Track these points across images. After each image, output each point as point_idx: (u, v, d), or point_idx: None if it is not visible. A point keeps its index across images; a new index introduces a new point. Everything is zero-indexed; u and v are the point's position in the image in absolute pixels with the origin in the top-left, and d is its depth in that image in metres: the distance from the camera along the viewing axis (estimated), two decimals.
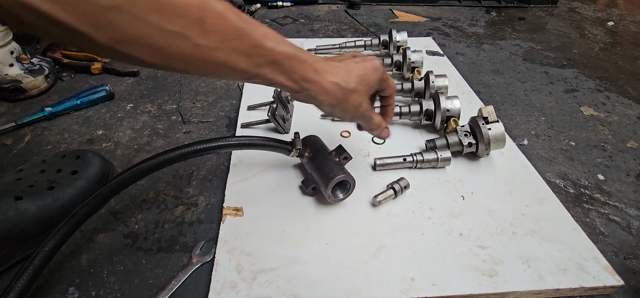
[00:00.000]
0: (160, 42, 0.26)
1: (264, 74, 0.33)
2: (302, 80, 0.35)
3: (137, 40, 0.25)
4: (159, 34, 0.26)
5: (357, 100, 0.39)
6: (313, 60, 0.35)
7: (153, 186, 0.49)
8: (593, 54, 0.97)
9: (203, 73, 0.31)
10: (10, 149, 0.55)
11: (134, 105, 0.66)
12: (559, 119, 0.69)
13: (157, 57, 0.27)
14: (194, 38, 0.27)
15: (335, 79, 0.37)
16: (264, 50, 0.31)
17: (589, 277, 0.39)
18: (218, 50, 0.29)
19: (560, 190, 0.52)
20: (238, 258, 0.39)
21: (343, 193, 0.46)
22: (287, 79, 0.34)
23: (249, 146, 0.43)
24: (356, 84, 0.38)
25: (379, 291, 0.37)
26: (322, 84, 0.36)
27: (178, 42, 0.27)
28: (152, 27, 0.25)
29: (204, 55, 0.28)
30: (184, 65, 0.29)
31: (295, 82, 0.34)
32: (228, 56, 0.30)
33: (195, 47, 0.28)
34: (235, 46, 0.30)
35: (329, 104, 0.37)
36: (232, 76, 0.32)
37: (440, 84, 0.63)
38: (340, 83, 0.37)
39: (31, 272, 0.30)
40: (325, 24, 1.05)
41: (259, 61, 0.32)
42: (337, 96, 0.37)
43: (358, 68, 0.39)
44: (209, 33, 0.28)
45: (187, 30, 0.27)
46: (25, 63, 0.66)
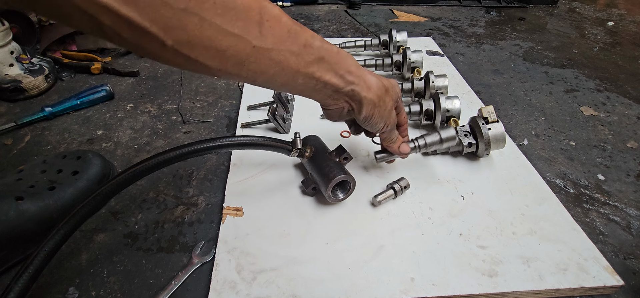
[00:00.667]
0: (221, 44, 0.27)
1: (312, 71, 0.34)
2: (348, 73, 0.36)
3: (201, 43, 0.26)
4: (221, 36, 0.27)
5: (390, 103, 0.41)
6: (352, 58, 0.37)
7: (153, 186, 0.49)
8: (593, 54, 0.97)
9: (254, 74, 0.31)
10: (10, 149, 0.55)
11: (134, 105, 0.66)
12: (559, 119, 0.69)
13: (216, 59, 0.28)
14: (252, 40, 0.28)
15: (373, 79, 0.38)
16: (312, 48, 0.33)
17: (589, 277, 0.39)
18: (273, 51, 0.30)
19: (560, 190, 0.52)
20: (238, 258, 0.39)
21: (343, 193, 0.46)
22: (334, 74, 0.35)
23: (249, 146, 0.43)
24: (388, 87, 0.41)
25: (379, 291, 0.37)
26: (365, 79, 0.37)
27: (237, 44, 0.28)
28: (215, 29, 0.26)
29: (259, 56, 0.30)
30: (239, 67, 0.30)
31: (341, 77, 0.36)
32: (282, 56, 0.31)
33: (253, 49, 0.29)
34: (288, 46, 0.31)
35: (370, 101, 0.38)
36: (282, 76, 0.33)
37: (440, 84, 0.63)
38: (379, 83, 0.39)
39: (31, 272, 0.30)
40: (325, 24, 1.05)
41: (308, 59, 0.33)
42: (378, 93, 0.38)
43: (381, 77, 0.41)
44: (265, 35, 0.29)
45: (246, 32, 0.28)
46: (25, 63, 0.66)
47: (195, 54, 0.27)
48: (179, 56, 0.26)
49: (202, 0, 0.25)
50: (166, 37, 0.25)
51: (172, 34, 0.25)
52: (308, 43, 0.33)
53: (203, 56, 0.27)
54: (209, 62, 0.28)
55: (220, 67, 0.29)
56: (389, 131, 0.44)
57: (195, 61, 0.27)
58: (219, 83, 0.73)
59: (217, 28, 0.26)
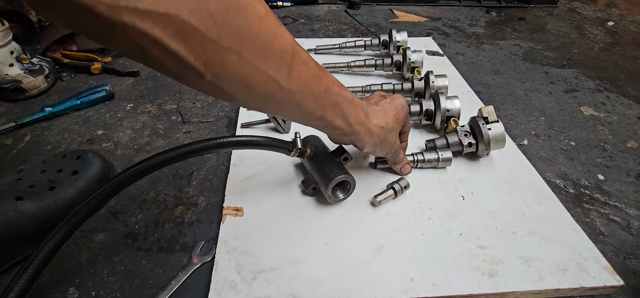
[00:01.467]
0: (254, 82, 0.28)
1: (326, 115, 0.35)
2: (356, 123, 0.38)
3: (236, 79, 0.27)
4: (255, 75, 0.28)
5: (393, 137, 0.44)
6: (363, 106, 0.39)
7: (153, 186, 0.49)
8: (593, 54, 0.97)
9: (275, 110, 0.33)
10: (10, 149, 0.55)
11: (134, 105, 0.66)
12: (559, 119, 0.69)
13: (247, 94, 0.29)
14: (281, 81, 0.30)
15: (379, 122, 0.41)
16: (331, 94, 0.35)
17: (589, 277, 0.39)
18: (297, 93, 0.31)
19: (560, 190, 0.52)
20: (238, 258, 0.39)
21: (343, 193, 0.46)
22: (343, 121, 0.37)
23: (250, 145, 0.43)
24: (393, 123, 0.43)
25: (379, 291, 0.37)
26: (369, 128, 0.40)
27: (268, 83, 0.29)
28: (252, 69, 0.27)
29: (284, 96, 0.31)
30: (263, 103, 0.31)
31: (349, 124, 0.38)
32: (302, 98, 0.32)
33: (280, 90, 0.30)
34: (310, 89, 0.32)
35: (372, 144, 0.41)
36: (298, 115, 0.34)
37: (440, 84, 0.63)
38: (383, 125, 0.41)
39: (31, 272, 0.30)
40: (325, 24, 1.05)
41: (325, 103, 0.34)
42: (380, 137, 0.41)
43: (391, 108, 0.43)
44: (293, 78, 0.30)
45: (277, 74, 0.29)
46: (25, 63, 0.66)
47: (229, 88, 0.28)
48: (213, 88, 0.27)
49: (245, 40, 0.26)
50: (206, 71, 0.25)
51: (212, 69, 0.26)
52: (328, 88, 0.34)
53: (235, 91, 0.28)
54: (239, 95, 0.29)
55: (247, 101, 0.30)
56: (392, 156, 0.47)
57: (227, 94, 0.28)
58: None
59: (254, 68, 0.27)
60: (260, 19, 0.26)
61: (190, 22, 0.23)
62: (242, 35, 0.26)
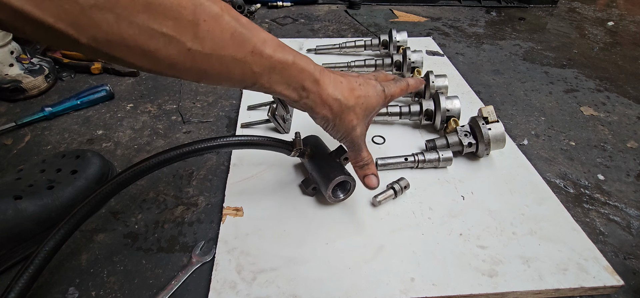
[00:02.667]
0: (148, 45, 0.24)
1: (261, 82, 0.31)
2: (301, 89, 0.33)
3: (123, 42, 0.24)
4: (146, 37, 0.24)
5: (353, 120, 0.37)
6: (314, 70, 0.34)
7: (153, 186, 0.49)
8: (593, 54, 0.97)
9: (195, 79, 0.29)
10: (10, 149, 0.55)
11: (134, 105, 0.66)
12: (559, 119, 0.69)
13: (145, 60, 0.25)
14: (186, 42, 0.25)
15: (335, 92, 0.35)
16: (261, 57, 0.30)
17: (589, 277, 0.39)
18: (212, 57, 0.27)
19: (560, 190, 0.52)
20: (238, 258, 0.39)
21: (343, 193, 0.46)
22: (285, 87, 0.32)
23: (250, 145, 0.43)
24: (355, 104, 0.37)
25: (379, 291, 0.37)
26: (321, 95, 0.34)
27: (168, 46, 0.25)
28: (138, 28, 0.23)
29: (196, 61, 0.27)
30: (174, 70, 0.27)
31: (294, 90, 0.33)
32: (222, 64, 0.28)
33: (187, 53, 0.26)
34: (231, 53, 0.28)
35: (322, 117, 0.36)
36: (227, 83, 0.30)
37: (440, 84, 0.63)
38: (340, 98, 0.35)
39: (31, 272, 0.30)
40: (325, 24, 1.05)
41: (255, 69, 0.30)
42: (332, 110, 0.35)
43: (360, 89, 0.37)
44: (202, 38, 0.26)
45: (178, 33, 0.25)
46: (25, 63, 0.66)
47: (119, 53, 0.24)
48: (101, 54, 0.24)
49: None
50: (79, 35, 0.22)
51: (84, 32, 0.22)
52: (257, 50, 0.29)
53: (129, 56, 0.24)
54: (138, 62, 0.25)
55: (153, 68, 0.26)
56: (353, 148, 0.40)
57: (122, 60, 0.25)
58: None
59: (141, 27, 0.23)
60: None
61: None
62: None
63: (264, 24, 1.03)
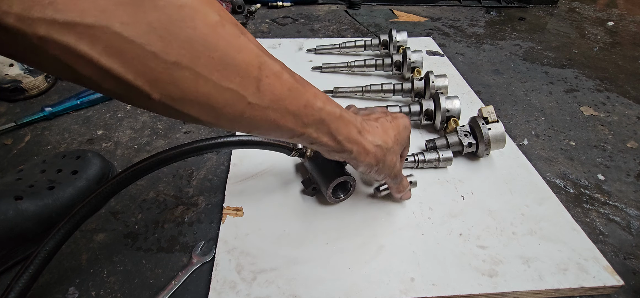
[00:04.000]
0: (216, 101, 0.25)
1: (309, 133, 0.32)
2: (346, 141, 0.34)
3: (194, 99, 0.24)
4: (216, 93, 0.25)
5: (393, 160, 0.39)
6: (356, 121, 0.35)
7: (153, 186, 0.49)
8: (593, 54, 0.97)
9: (249, 131, 0.30)
10: (10, 149, 0.55)
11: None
12: (559, 119, 0.69)
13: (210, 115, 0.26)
14: (248, 97, 0.26)
15: (376, 140, 0.37)
16: (313, 110, 0.31)
17: (589, 277, 0.39)
18: (269, 109, 0.28)
19: (560, 190, 0.52)
20: (238, 258, 0.39)
21: (344, 193, 0.46)
22: (330, 138, 0.33)
23: (250, 145, 0.43)
24: (393, 143, 0.38)
25: (379, 291, 0.37)
26: (364, 146, 0.35)
27: (234, 101, 0.26)
28: (212, 85, 0.24)
29: (255, 114, 0.28)
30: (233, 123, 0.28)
31: (339, 142, 0.34)
32: (278, 115, 0.29)
33: (248, 106, 0.27)
34: (286, 106, 0.29)
35: (367, 165, 0.37)
36: (277, 134, 0.31)
37: (440, 84, 0.63)
38: (381, 144, 0.37)
39: (31, 272, 0.30)
40: (325, 24, 1.05)
41: (306, 121, 0.31)
42: (377, 157, 0.37)
43: (392, 127, 0.39)
44: (263, 92, 0.27)
45: (243, 88, 0.26)
46: None
47: (187, 109, 0.25)
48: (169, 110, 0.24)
49: (199, 54, 0.23)
50: (153, 91, 0.22)
51: (160, 89, 0.22)
52: (309, 104, 0.30)
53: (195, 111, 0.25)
54: (202, 117, 0.26)
55: (213, 122, 0.27)
56: (392, 181, 0.42)
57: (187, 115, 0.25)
58: None
59: (213, 85, 0.24)
60: (213, 28, 0.23)
61: (124, 34, 0.20)
62: (194, 48, 0.22)
63: (264, 24, 1.03)
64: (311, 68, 0.77)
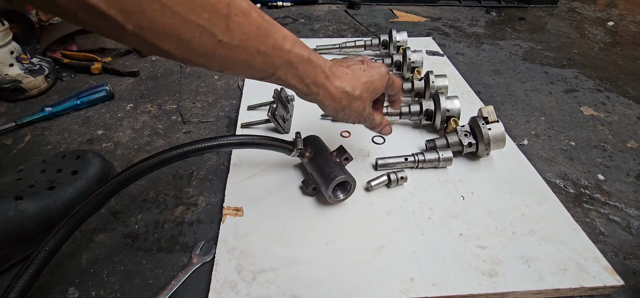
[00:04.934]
0: (185, 35, 0.26)
1: (278, 74, 0.33)
2: (313, 84, 0.36)
3: (164, 31, 0.25)
4: (185, 26, 0.26)
5: (360, 106, 0.40)
6: (324, 65, 0.36)
7: (153, 186, 0.49)
8: (593, 54, 0.97)
9: (219, 69, 0.31)
10: (10, 149, 0.55)
11: (134, 105, 0.66)
12: (559, 119, 0.69)
13: (181, 49, 0.27)
14: (218, 34, 0.28)
15: (343, 84, 0.38)
16: (282, 51, 0.32)
17: (589, 277, 0.39)
18: (239, 48, 0.29)
19: (560, 190, 0.52)
20: (238, 258, 0.39)
21: (344, 193, 0.46)
22: (299, 81, 0.35)
23: (250, 145, 0.43)
24: (362, 91, 0.39)
25: (379, 291, 0.37)
26: (329, 89, 0.37)
27: (202, 36, 0.27)
28: (179, 19, 0.25)
29: (225, 52, 0.29)
30: (204, 59, 0.29)
31: (306, 85, 0.36)
32: (248, 55, 0.30)
33: (218, 43, 0.28)
34: (256, 45, 0.30)
35: (333, 109, 0.39)
36: (247, 73, 0.33)
37: (440, 84, 0.63)
38: (347, 89, 0.38)
39: (31, 272, 0.30)
40: (325, 24, 1.05)
41: (276, 62, 0.32)
42: (342, 102, 0.38)
43: (365, 75, 0.40)
44: (233, 30, 0.28)
45: (212, 25, 0.27)
46: (25, 63, 0.66)
47: (158, 41, 0.26)
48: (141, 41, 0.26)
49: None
50: (126, 21, 0.24)
51: (132, 19, 0.24)
52: (278, 45, 0.32)
53: (166, 44, 0.26)
54: (172, 50, 0.27)
55: (184, 57, 0.28)
56: (365, 124, 0.44)
57: (158, 48, 0.27)
58: (218, 83, 0.73)
59: (181, 17, 0.26)
60: None
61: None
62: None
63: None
64: None
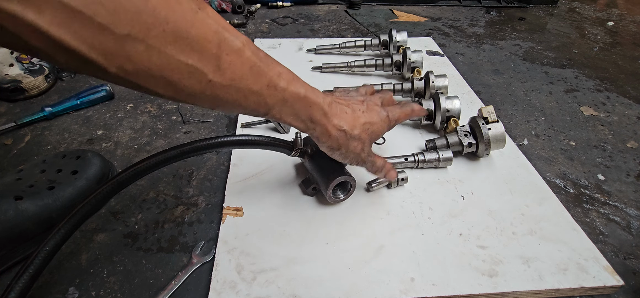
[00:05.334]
0: (173, 76, 0.25)
1: (272, 113, 0.32)
2: (309, 120, 0.35)
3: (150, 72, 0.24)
4: (173, 67, 0.25)
5: (358, 146, 0.39)
6: (322, 102, 0.35)
7: (153, 186, 0.49)
8: (593, 54, 0.97)
9: (211, 107, 0.30)
10: (10, 149, 0.55)
11: (134, 105, 0.66)
12: (559, 119, 0.69)
13: (169, 90, 0.26)
14: (208, 74, 0.26)
15: (341, 123, 0.37)
16: (276, 90, 0.31)
17: (589, 277, 0.39)
18: (231, 87, 0.28)
19: (560, 190, 0.52)
20: (238, 258, 0.39)
21: (344, 193, 0.46)
22: (294, 118, 0.34)
23: (250, 144, 0.43)
24: (360, 132, 0.38)
25: (379, 291, 0.37)
26: (326, 127, 0.36)
27: (191, 76, 0.26)
28: (166, 59, 0.24)
29: (216, 91, 0.27)
30: (193, 99, 0.28)
31: (302, 122, 0.35)
32: (240, 94, 0.29)
33: (208, 83, 0.27)
34: (248, 85, 0.29)
35: (329, 147, 0.38)
36: (239, 111, 0.31)
37: (440, 84, 0.63)
38: (345, 128, 0.37)
39: (31, 272, 0.30)
40: (325, 24, 1.05)
41: (269, 101, 0.31)
42: (338, 141, 0.37)
43: (364, 116, 0.39)
44: (224, 70, 0.27)
45: (202, 65, 0.26)
46: (25, 63, 0.66)
47: (144, 82, 0.24)
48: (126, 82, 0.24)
49: (149, 26, 0.22)
50: (108, 64, 0.22)
51: (114, 61, 0.22)
52: (272, 83, 0.30)
53: (153, 85, 0.25)
54: (160, 91, 0.26)
55: (173, 96, 0.27)
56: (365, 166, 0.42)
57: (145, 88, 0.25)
58: None
59: (168, 58, 0.24)
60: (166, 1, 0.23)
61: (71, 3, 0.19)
62: (143, 20, 0.22)
63: (264, 24, 1.03)
64: (311, 68, 0.77)
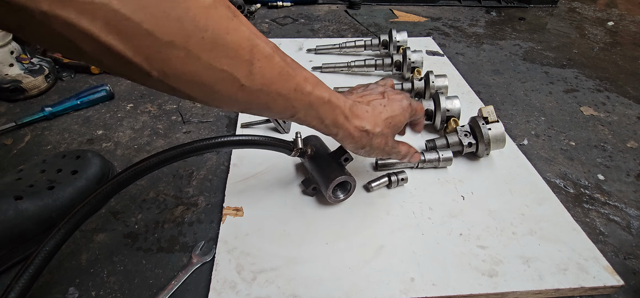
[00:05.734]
0: (208, 80, 0.26)
1: (298, 115, 0.34)
2: (332, 125, 0.36)
3: (187, 77, 0.25)
4: (208, 72, 0.26)
5: (382, 142, 0.40)
6: (344, 105, 0.36)
7: (153, 186, 0.49)
8: (593, 54, 0.97)
9: (239, 110, 0.31)
10: (10, 149, 0.55)
11: (134, 105, 0.66)
12: (559, 119, 0.69)
13: (202, 93, 0.27)
14: (240, 79, 0.28)
15: (363, 123, 0.38)
16: (303, 94, 0.32)
17: (589, 277, 0.39)
18: (261, 92, 0.29)
19: (560, 190, 0.52)
20: (238, 258, 0.39)
21: (344, 194, 0.46)
22: (319, 122, 0.35)
23: (251, 144, 0.43)
24: (383, 128, 0.39)
25: (379, 291, 0.37)
26: (349, 129, 0.37)
27: (225, 81, 0.27)
28: (202, 65, 0.25)
29: (246, 96, 0.29)
30: (224, 103, 0.29)
31: (325, 126, 0.36)
32: (269, 98, 0.30)
33: (240, 88, 0.28)
34: (277, 89, 0.30)
35: (353, 147, 0.39)
36: (266, 114, 0.33)
37: (440, 84, 0.63)
38: (367, 128, 0.38)
39: (31, 272, 0.30)
40: (325, 24, 1.05)
41: (296, 105, 0.32)
42: (361, 141, 0.38)
43: (386, 111, 0.39)
44: (255, 75, 0.28)
45: (235, 71, 0.27)
46: (25, 63, 0.66)
47: (181, 85, 0.26)
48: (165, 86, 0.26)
49: (190, 34, 0.24)
50: (151, 68, 0.24)
51: (156, 66, 0.24)
52: (299, 88, 0.32)
53: (188, 88, 0.26)
54: (194, 94, 0.27)
55: (205, 100, 0.28)
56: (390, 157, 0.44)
57: (181, 91, 0.27)
58: None
59: (204, 64, 0.25)
60: (205, 10, 0.24)
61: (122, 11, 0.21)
62: (185, 28, 0.23)
63: (264, 24, 1.03)
64: (311, 68, 0.77)
